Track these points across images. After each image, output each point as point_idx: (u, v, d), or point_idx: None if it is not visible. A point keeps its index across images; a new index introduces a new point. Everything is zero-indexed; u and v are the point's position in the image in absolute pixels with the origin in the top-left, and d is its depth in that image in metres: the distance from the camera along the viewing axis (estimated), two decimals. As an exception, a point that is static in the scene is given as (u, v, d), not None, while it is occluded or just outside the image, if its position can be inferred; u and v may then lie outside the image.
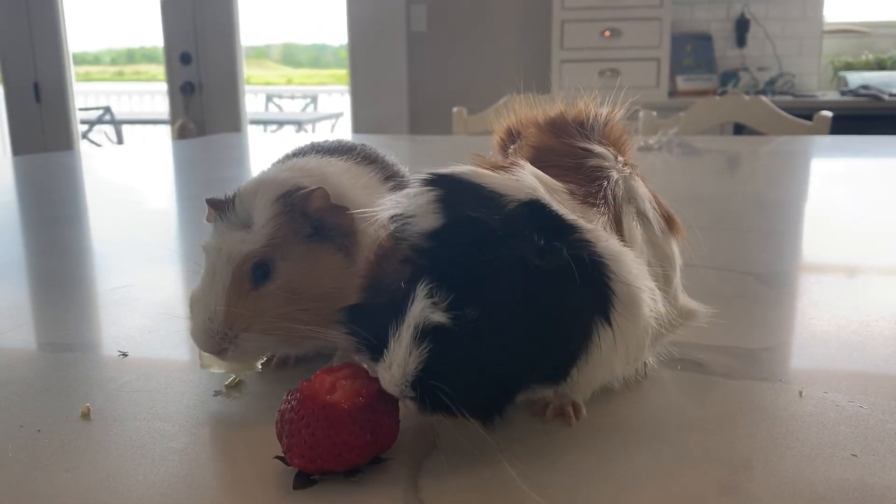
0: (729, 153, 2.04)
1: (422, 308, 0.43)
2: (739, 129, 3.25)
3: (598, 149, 0.58)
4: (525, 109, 0.65)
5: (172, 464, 0.47)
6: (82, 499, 0.43)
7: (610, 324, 0.46)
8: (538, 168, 0.51)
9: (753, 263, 0.93)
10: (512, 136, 0.65)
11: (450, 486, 0.44)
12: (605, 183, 0.54)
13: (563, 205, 0.49)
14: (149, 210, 1.36)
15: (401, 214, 0.46)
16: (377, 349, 0.45)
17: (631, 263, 0.48)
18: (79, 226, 1.22)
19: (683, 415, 0.53)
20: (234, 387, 0.58)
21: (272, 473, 0.46)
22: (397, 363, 0.44)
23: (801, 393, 0.56)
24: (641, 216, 0.56)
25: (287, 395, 0.46)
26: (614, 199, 0.54)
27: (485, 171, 0.48)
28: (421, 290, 0.44)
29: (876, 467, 0.46)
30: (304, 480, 0.45)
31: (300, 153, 0.66)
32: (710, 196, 1.41)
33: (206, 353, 0.57)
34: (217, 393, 0.57)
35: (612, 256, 0.47)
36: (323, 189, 0.56)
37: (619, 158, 0.58)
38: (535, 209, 0.45)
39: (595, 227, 0.49)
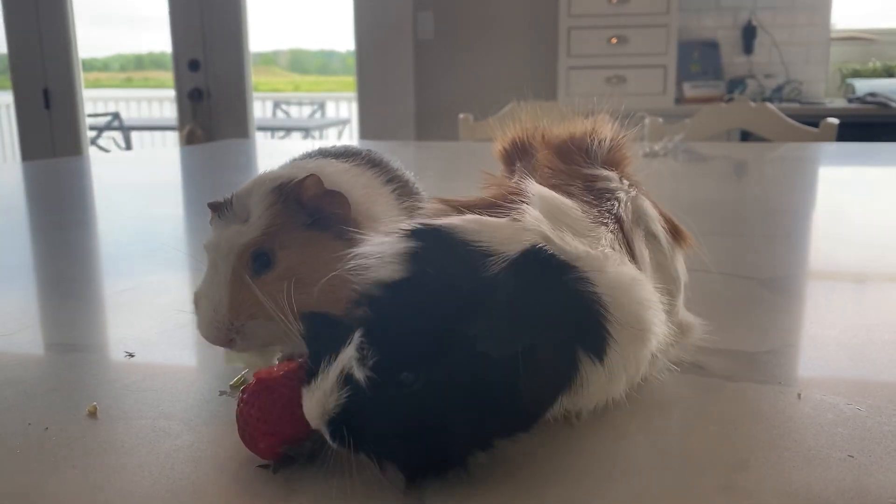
0: (735, 160, 2.04)
1: (349, 357, 0.42)
2: (746, 136, 3.26)
3: (603, 172, 0.58)
4: (530, 121, 0.65)
5: (178, 461, 0.48)
6: (89, 495, 0.44)
7: (601, 361, 0.46)
8: (551, 189, 0.51)
9: (757, 268, 0.93)
10: (517, 149, 0.65)
11: (453, 489, 0.45)
12: (616, 204, 0.55)
13: (574, 226, 0.48)
14: (156, 215, 1.37)
15: (371, 254, 0.44)
16: (311, 372, 0.44)
17: (639, 293, 0.47)
18: (87, 230, 1.24)
19: (683, 415, 0.54)
20: (239, 386, 0.58)
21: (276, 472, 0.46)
22: (317, 398, 0.43)
23: (799, 395, 0.56)
24: (650, 236, 0.57)
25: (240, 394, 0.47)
26: (624, 222, 0.54)
27: (488, 220, 0.46)
28: (355, 339, 0.42)
29: (872, 468, 0.46)
30: (282, 461, 0.46)
31: (305, 157, 0.67)
32: (716, 202, 1.42)
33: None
34: (222, 392, 0.58)
35: (616, 288, 0.46)
36: (315, 176, 0.56)
37: (624, 181, 0.59)
38: (529, 260, 0.44)
39: (605, 250, 0.48)
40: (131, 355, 0.66)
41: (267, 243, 0.55)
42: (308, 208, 0.56)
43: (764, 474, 0.45)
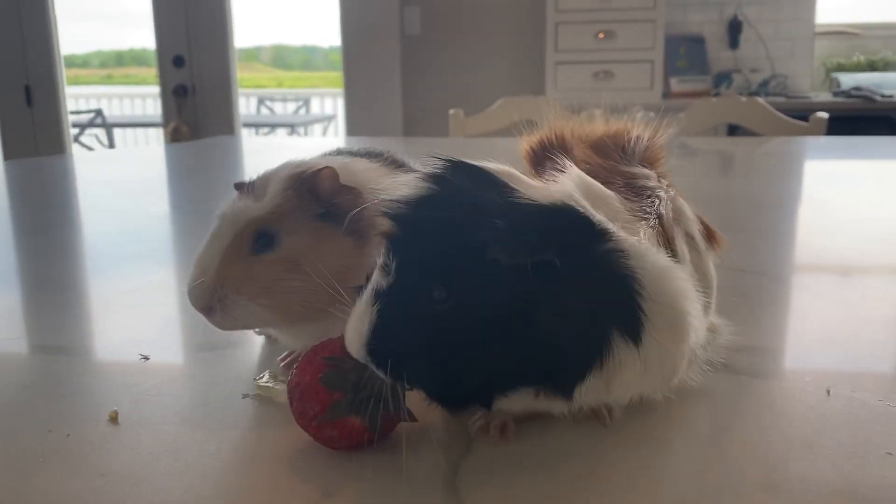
0: (725, 153, 2.05)
1: (377, 274, 0.43)
2: (733, 130, 3.27)
3: (642, 171, 0.58)
4: (559, 121, 0.63)
5: (207, 468, 0.47)
6: (119, 502, 0.43)
7: (636, 343, 0.44)
8: None
9: (762, 263, 0.93)
10: (545, 149, 0.63)
11: (489, 488, 0.44)
12: (657, 202, 0.54)
13: (610, 213, 0.47)
14: (146, 214, 1.35)
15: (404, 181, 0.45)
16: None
17: (677, 282, 0.46)
18: (75, 231, 1.21)
19: (715, 414, 0.53)
20: (264, 388, 0.57)
21: (310, 476, 0.45)
22: (353, 323, 0.44)
23: (828, 392, 0.56)
24: (689, 238, 0.56)
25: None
26: (665, 220, 0.53)
27: (522, 176, 0.46)
28: (380, 254, 0.43)
29: (912, 465, 0.46)
30: (333, 408, 0.47)
31: (330, 154, 0.66)
32: (707, 196, 1.41)
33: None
34: (245, 396, 0.57)
35: (653, 271, 0.44)
36: (332, 168, 0.56)
37: (662, 180, 0.58)
38: (558, 211, 0.43)
39: (642, 239, 0.47)
40: (146, 358, 0.64)
41: (273, 224, 0.55)
42: (323, 200, 0.56)
43: (803, 472, 0.45)
